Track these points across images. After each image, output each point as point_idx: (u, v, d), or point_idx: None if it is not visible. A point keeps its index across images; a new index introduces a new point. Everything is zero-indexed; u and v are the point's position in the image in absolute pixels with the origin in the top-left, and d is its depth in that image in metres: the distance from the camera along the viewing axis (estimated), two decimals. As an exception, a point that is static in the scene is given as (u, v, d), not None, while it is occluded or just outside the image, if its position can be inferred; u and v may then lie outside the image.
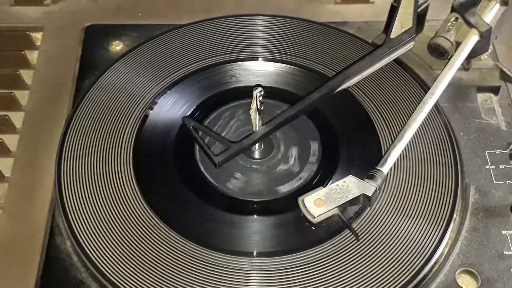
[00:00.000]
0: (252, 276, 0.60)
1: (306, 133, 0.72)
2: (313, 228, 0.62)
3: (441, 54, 0.74)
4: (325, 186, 0.63)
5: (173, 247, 0.61)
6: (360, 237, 0.62)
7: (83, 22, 0.83)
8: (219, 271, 0.60)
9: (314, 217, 0.61)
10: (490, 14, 0.73)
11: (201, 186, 0.67)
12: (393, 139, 0.68)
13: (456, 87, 0.76)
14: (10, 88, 0.75)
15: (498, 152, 0.70)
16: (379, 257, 0.61)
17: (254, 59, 0.78)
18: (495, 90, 0.76)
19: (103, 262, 0.60)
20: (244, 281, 0.60)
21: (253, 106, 0.65)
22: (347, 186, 0.62)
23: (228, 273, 0.60)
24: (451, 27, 0.74)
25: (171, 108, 0.73)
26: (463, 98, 0.75)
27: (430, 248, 0.61)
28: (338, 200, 0.61)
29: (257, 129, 0.68)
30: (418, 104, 0.69)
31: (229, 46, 0.79)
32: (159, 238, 0.62)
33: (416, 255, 0.61)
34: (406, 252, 0.61)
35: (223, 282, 0.59)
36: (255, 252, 0.62)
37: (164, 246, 0.61)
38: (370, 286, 0.59)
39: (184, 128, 0.70)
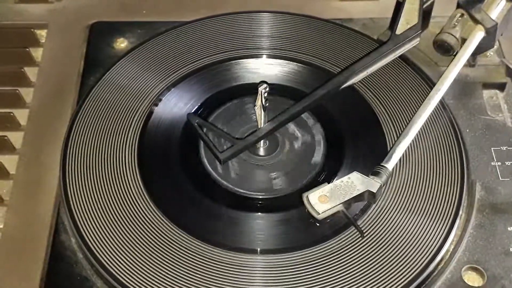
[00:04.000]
0: (256, 273, 0.60)
1: (311, 130, 0.72)
2: (318, 224, 0.62)
3: (446, 50, 0.74)
4: (330, 183, 0.63)
5: (178, 243, 0.61)
6: (365, 234, 0.62)
7: (87, 19, 0.83)
8: (224, 268, 0.60)
9: (319, 214, 0.61)
10: (496, 10, 0.73)
11: (205, 183, 0.67)
12: (398, 136, 0.68)
13: (461, 83, 0.76)
14: (14, 85, 0.75)
15: (504, 149, 0.70)
16: (384, 254, 0.61)
17: (259, 56, 0.78)
18: (501, 87, 0.76)
19: (108, 259, 0.60)
20: (248, 278, 0.60)
21: (258, 102, 0.65)
22: (352, 183, 0.62)
23: (233, 270, 0.60)
24: (456, 23, 0.73)
25: (176, 105, 0.73)
26: (468, 94, 0.75)
27: (436, 245, 0.61)
28: (342, 197, 0.61)
29: (262, 125, 0.68)
30: (424, 100, 0.69)
31: (234, 43, 0.79)
32: (163, 235, 0.62)
33: (422, 252, 0.61)
34: (412, 249, 0.61)
35: (228, 279, 0.59)
36: (259, 249, 0.62)
37: (169, 243, 0.61)
38: (375, 283, 0.59)
39: (189, 125, 0.70)
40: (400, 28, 0.72)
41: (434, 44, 0.75)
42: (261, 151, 0.70)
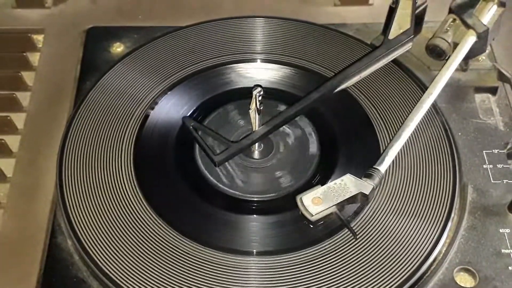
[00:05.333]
0: (251, 274, 0.60)
1: (305, 133, 0.72)
2: (311, 226, 0.62)
3: (439, 55, 0.74)
4: (323, 185, 0.64)
5: (173, 245, 0.62)
6: (358, 236, 0.62)
7: (84, 24, 0.84)
8: (219, 269, 0.60)
9: (312, 215, 0.61)
10: (488, 15, 0.74)
11: (201, 186, 0.68)
12: (391, 139, 0.68)
13: (454, 87, 0.76)
14: (12, 89, 0.76)
15: (495, 152, 0.71)
16: (377, 255, 0.61)
17: (254, 60, 0.79)
18: (493, 91, 0.77)
19: (104, 261, 0.60)
20: (243, 279, 0.60)
21: (253, 106, 0.66)
22: (345, 185, 0.63)
23: (228, 271, 0.60)
24: (448, 28, 0.74)
25: (172, 109, 0.74)
26: (461, 98, 0.76)
27: (428, 246, 0.62)
28: (336, 198, 0.62)
29: (256, 129, 0.68)
30: (416, 104, 0.69)
31: (228, 48, 0.79)
32: (159, 237, 0.62)
33: (414, 254, 0.61)
34: (404, 250, 0.61)
35: (223, 281, 0.60)
36: (254, 251, 0.63)
37: (164, 245, 0.62)
38: (368, 284, 0.59)
39: (184, 128, 0.71)
40: (393, 33, 0.73)
41: (426, 48, 0.75)
42: (256, 154, 0.71)
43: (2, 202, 0.68)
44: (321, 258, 0.61)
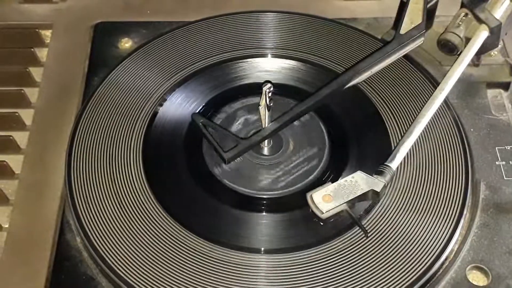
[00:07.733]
0: (260, 272, 0.60)
1: (315, 130, 0.72)
2: (322, 224, 0.62)
3: (450, 50, 0.74)
4: (334, 182, 0.63)
5: (182, 243, 0.62)
6: (369, 234, 0.62)
7: (92, 20, 0.84)
8: (228, 267, 0.60)
9: (323, 213, 0.61)
10: (500, 9, 0.73)
11: (210, 183, 0.67)
12: (402, 135, 0.68)
13: (466, 83, 0.76)
14: (20, 85, 0.76)
15: (508, 148, 0.70)
16: (388, 253, 0.61)
17: (263, 55, 0.78)
18: (505, 86, 0.76)
19: (113, 258, 0.60)
20: (252, 277, 0.60)
21: (263, 102, 0.65)
22: (356, 182, 0.62)
23: (237, 269, 0.60)
24: (460, 23, 0.73)
25: (181, 105, 0.74)
26: (473, 94, 0.75)
27: (440, 244, 0.61)
28: (346, 196, 0.61)
29: (266, 125, 0.68)
30: (428, 100, 0.69)
31: (237, 43, 0.79)
32: (168, 234, 0.62)
33: (426, 252, 0.61)
34: (416, 248, 0.61)
35: (232, 279, 0.59)
36: (263, 248, 0.62)
37: (174, 242, 0.62)
38: (380, 282, 0.59)
39: (194, 125, 0.70)
40: (404, 28, 0.72)
41: (438, 43, 0.75)
42: (266, 151, 0.70)
43: (10, 199, 0.67)
44: (331, 256, 0.61)
